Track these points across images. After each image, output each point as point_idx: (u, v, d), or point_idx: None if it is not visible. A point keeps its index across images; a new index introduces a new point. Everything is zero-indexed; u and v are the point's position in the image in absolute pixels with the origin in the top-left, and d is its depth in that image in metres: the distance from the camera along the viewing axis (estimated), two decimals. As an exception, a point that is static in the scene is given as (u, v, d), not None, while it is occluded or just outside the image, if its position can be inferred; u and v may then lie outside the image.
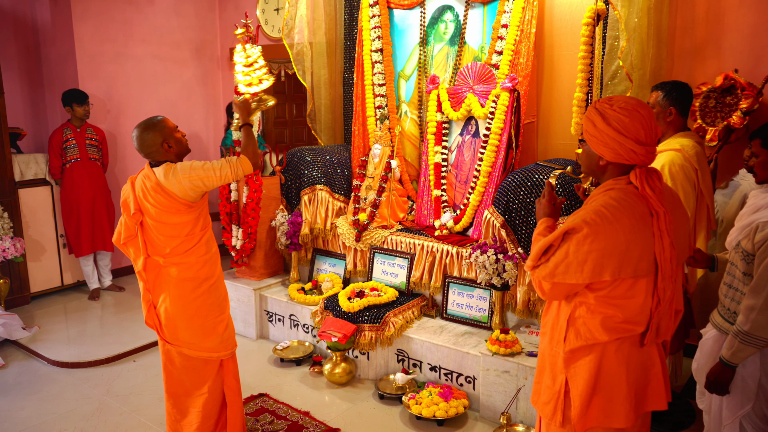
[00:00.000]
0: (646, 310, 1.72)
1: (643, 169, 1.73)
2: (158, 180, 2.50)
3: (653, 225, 1.68)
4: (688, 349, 3.29)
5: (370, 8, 4.47)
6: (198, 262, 2.61)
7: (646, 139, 1.69)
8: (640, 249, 1.67)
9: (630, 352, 1.75)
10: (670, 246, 1.68)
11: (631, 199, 1.69)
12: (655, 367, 1.78)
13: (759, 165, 2.27)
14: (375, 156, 4.32)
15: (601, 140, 1.73)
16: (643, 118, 1.69)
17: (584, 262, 1.66)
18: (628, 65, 3.33)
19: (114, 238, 2.68)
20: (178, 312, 2.61)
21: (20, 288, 5.03)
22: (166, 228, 2.55)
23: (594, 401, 1.75)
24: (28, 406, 3.46)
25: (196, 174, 2.49)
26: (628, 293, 1.70)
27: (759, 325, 2.05)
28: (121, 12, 5.65)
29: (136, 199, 2.56)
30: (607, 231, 1.65)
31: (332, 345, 3.60)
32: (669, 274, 1.69)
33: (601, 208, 1.67)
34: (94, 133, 5.19)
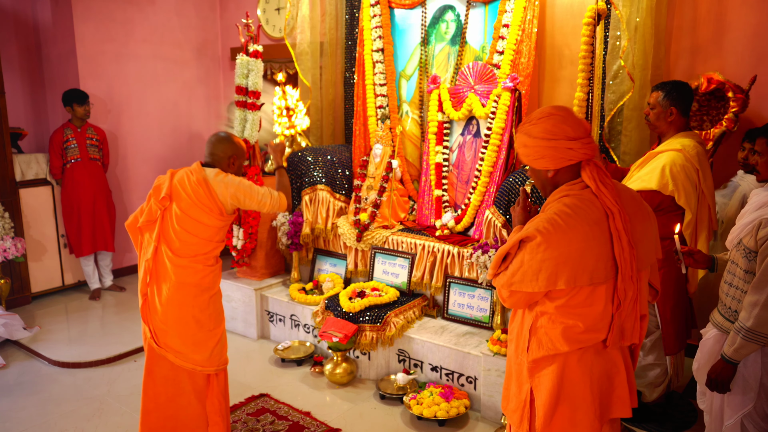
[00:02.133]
0: (607, 317, 1.69)
1: (593, 164, 1.72)
2: (206, 176, 2.54)
3: (610, 225, 1.66)
4: (689, 349, 3.28)
5: (371, 8, 4.46)
6: (204, 270, 2.59)
7: (574, 133, 1.69)
8: (596, 256, 1.64)
9: (593, 360, 1.73)
10: (629, 245, 1.65)
11: (586, 204, 1.68)
12: (620, 374, 1.76)
13: (763, 164, 2.26)
14: (376, 156, 4.32)
15: (538, 154, 1.73)
16: (561, 117, 1.71)
17: (539, 270, 1.65)
18: (629, 65, 3.33)
19: (128, 221, 2.63)
20: (173, 315, 2.55)
21: (21, 288, 5.04)
22: (189, 222, 2.52)
23: (558, 411, 1.74)
24: (29, 406, 3.46)
25: (242, 190, 2.58)
26: (587, 301, 1.67)
27: (762, 321, 2.05)
28: (122, 12, 5.65)
29: (172, 185, 2.54)
30: (559, 239, 1.64)
31: (333, 345, 3.60)
32: (629, 275, 1.66)
33: (554, 216, 1.66)
34: (94, 133, 5.18)
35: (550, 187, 1.80)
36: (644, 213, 1.78)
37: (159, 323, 2.55)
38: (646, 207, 1.81)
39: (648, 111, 2.97)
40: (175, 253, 2.53)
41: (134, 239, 2.66)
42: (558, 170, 1.75)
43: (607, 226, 1.66)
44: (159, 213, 2.54)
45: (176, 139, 6.28)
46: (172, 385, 2.61)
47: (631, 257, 1.65)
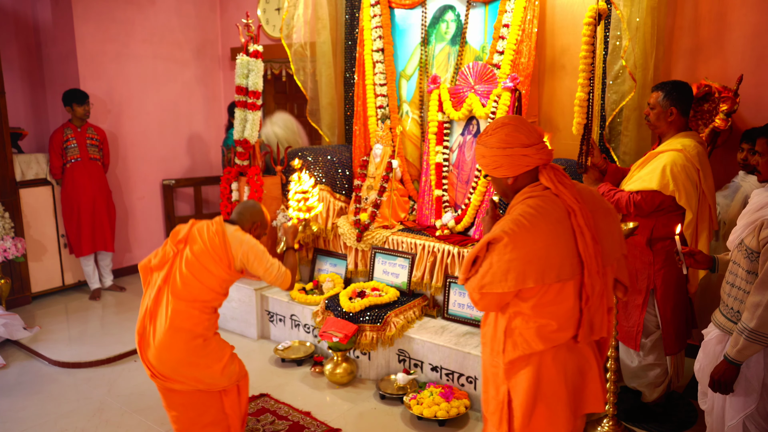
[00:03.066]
0: (577, 313, 1.73)
1: (549, 167, 1.79)
2: (225, 229, 2.60)
3: (572, 222, 1.71)
4: (689, 350, 3.28)
5: (371, 8, 4.46)
6: (200, 316, 2.57)
7: (528, 140, 1.76)
8: (561, 253, 1.69)
9: (566, 358, 1.77)
10: (592, 240, 1.70)
11: (548, 203, 1.73)
12: (592, 370, 1.81)
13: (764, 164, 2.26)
14: (376, 156, 4.32)
15: (496, 163, 1.80)
16: (514, 126, 1.78)
17: (507, 270, 1.68)
18: (631, 65, 3.33)
19: (142, 263, 2.67)
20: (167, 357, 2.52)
21: (21, 288, 5.03)
22: (197, 267, 2.54)
23: (536, 410, 1.77)
24: (30, 406, 3.46)
25: (254, 253, 2.60)
26: (558, 299, 1.71)
27: (765, 322, 2.05)
28: (122, 12, 5.65)
29: (190, 230, 2.61)
30: (525, 238, 1.68)
31: (333, 345, 3.60)
32: (595, 270, 1.70)
33: (518, 217, 1.71)
34: (94, 133, 5.18)
35: (512, 193, 1.86)
36: (606, 210, 1.83)
37: (156, 362, 2.53)
38: (607, 204, 1.86)
39: (648, 111, 2.97)
40: (174, 296, 2.53)
41: (144, 280, 2.67)
42: (517, 177, 1.81)
43: (570, 224, 1.71)
44: (171, 255, 2.58)
45: (176, 139, 6.28)
46: (191, 408, 2.62)
47: (595, 252, 1.70)
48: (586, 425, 3.05)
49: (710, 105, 3.37)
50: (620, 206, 2.88)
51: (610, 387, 2.90)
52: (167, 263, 2.58)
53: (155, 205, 6.15)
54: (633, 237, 2.88)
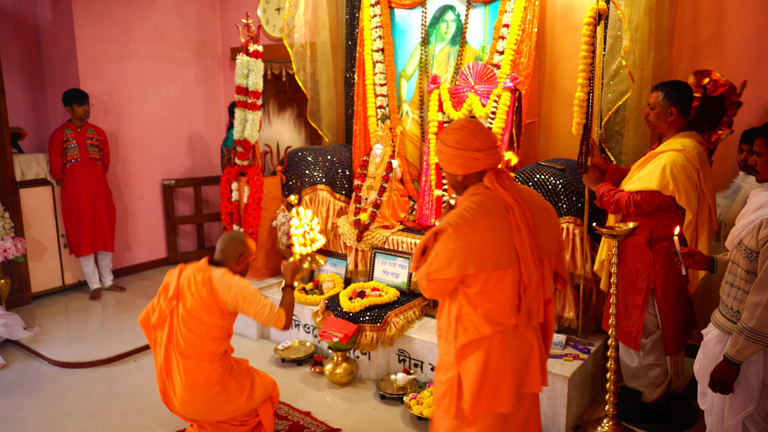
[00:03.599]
0: (516, 301, 1.90)
1: (492, 171, 1.95)
2: (211, 277, 2.58)
3: (510, 219, 1.87)
4: (689, 350, 3.28)
5: (371, 8, 4.46)
6: (210, 367, 2.62)
7: (481, 144, 1.92)
8: (499, 244, 1.86)
9: (512, 343, 1.94)
10: (528, 235, 1.87)
11: (490, 201, 1.90)
12: (534, 353, 1.97)
13: (763, 164, 2.26)
14: (376, 156, 4.32)
15: (450, 160, 1.97)
16: (471, 130, 1.94)
17: (451, 258, 1.85)
18: (630, 64, 3.33)
19: (141, 317, 2.71)
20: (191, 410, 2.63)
21: (21, 288, 5.04)
22: (194, 323, 2.57)
23: (483, 391, 1.92)
24: (30, 406, 3.46)
25: (242, 296, 2.58)
26: (498, 286, 1.87)
27: (765, 321, 2.05)
28: (122, 12, 5.65)
29: (179, 285, 2.61)
30: (466, 230, 1.85)
31: (333, 345, 3.60)
32: (531, 262, 1.87)
33: (462, 211, 1.89)
34: (94, 133, 5.18)
35: (461, 188, 2.04)
36: (543, 208, 2.00)
37: (184, 412, 2.64)
38: (545, 203, 2.04)
39: (648, 111, 2.97)
40: (182, 355, 2.58)
41: (147, 336, 2.71)
42: (466, 175, 1.99)
43: (508, 220, 1.88)
44: (168, 313, 2.60)
45: (176, 139, 6.28)
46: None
47: (531, 246, 1.87)
48: (586, 425, 3.05)
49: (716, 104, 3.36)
50: (620, 206, 2.88)
51: (610, 387, 2.90)
52: (166, 320, 2.61)
53: (155, 205, 6.15)
54: (633, 237, 2.89)
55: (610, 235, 2.73)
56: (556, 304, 3.35)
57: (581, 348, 3.26)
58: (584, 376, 3.19)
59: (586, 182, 3.15)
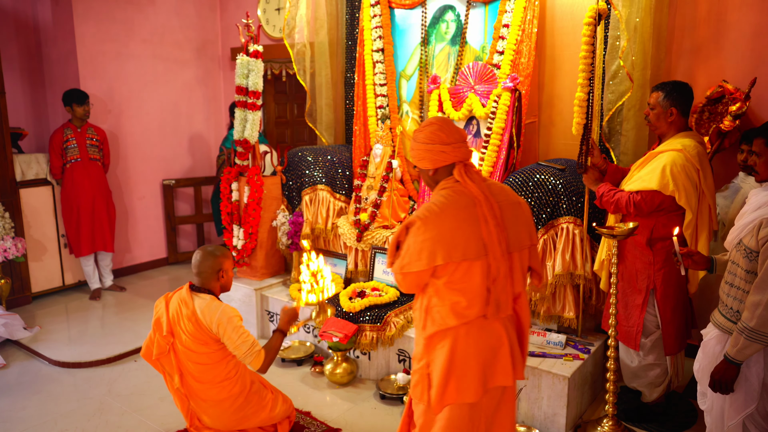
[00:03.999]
0: (485, 292, 1.95)
1: (461, 164, 2.02)
2: (195, 310, 2.61)
3: (477, 211, 1.93)
4: (689, 350, 3.28)
5: (371, 8, 4.47)
6: (230, 383, 2.72)
7: (448, 139, 2.01)
8: (466, 235, 1.92)
9: (479, 335, 1.99)
10: (495, 227, 1.93)
11: (457, 194, 1.97)
12: (503, 347, 2.02)
13: (762, 165, 2.27)
14: (376, 156, 4.32)
15: (420, 155, 2.06)
16: (439, 126, 2.03)
17: (421, 250, 1.92)
18: (628, 65, 3.33)
19: (143, 352, 2.76)
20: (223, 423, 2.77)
21: (21, 288, 5.04)
22: (195, 355, 2.65)
23: (450, 380, 1.97)
24: (30, 406, 3.46)
25: (225, 327, 2.59)
26: (466, 277, 1.93)
27: (765, 321, 2.05)
28: (122, 11, 5.65)
29: (170, 321, 2.66)
30: (434, 221, 1.93)
31: (333, 345, 3.60)
32: (499, 253, 1.93)
33: (431, 205, 1.97)
34: (94, 133, 5.18)
35: (433, 183, 2.10)
36: (513, 202, 2.06)
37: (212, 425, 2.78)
38: (517, 198, 2.09)
39: (648, 111, 2.97)
40: (197, 379, 2.68)
41: (154, 366, 2.79)
42: (437, 169, 2.05)
43: (476, 212, 1.94)
44: (168, 347, 2.67)
45: (176, 139, 6.28)
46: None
47: (498, 238, 1.93)
48: (586, 425, 3.05)
49: (723, 107, 3.37)
50: (620, 206, 2.88)
51: (610, 387, 2.90)
52: (169, 354, 2.68)
53: (155, 205, 6.15)
54: (633, 237, 2.89)
55: (610, 235, 2.73)
56: (556, 303, 3.35)
57: (581, 348, 3.26)
58: (584, 376, 3.19)
59: (586, 182, 3.15)
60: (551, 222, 3.31)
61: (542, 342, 3.30)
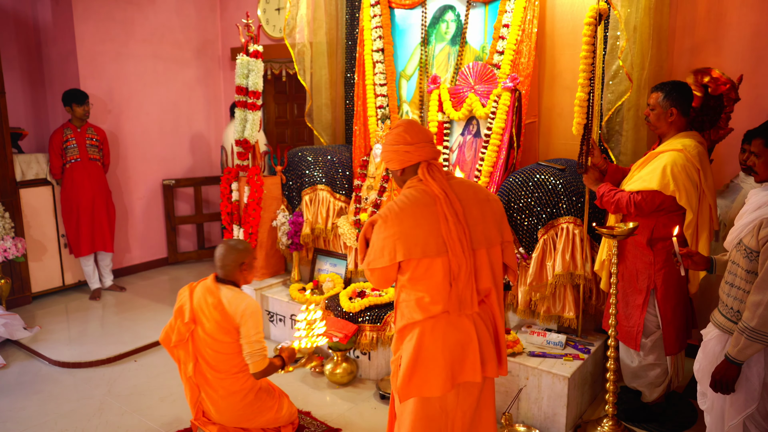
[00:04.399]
0: (447, 288, 1.99)
1: (425, 164, 2.08)
2: (221, 299, 2.71)
3: (438, 209, 1.98)
4: (689, 350, 3.28)
5: (371, 8, 4.47)
6: (244, 376, 2.79)
7: (412, 139, 2.09)
8: (425, 232, 1.97)
9: (446, 330, 2.02)
10: (456, 225, 1.96)
11: (419, 193, 2.03)
12: (472, 343, 2.03)
13: (761, 165, 2.27)
14: (376, 156, 4.32)
15: (388, 157, 2.15)
16: (404, 127, 2.12)
17: (383, 247, 2.00)
18: (628, 65, 3.33)
19: (161, 337, 2.85)
20: (228, 417, 2.81)
21: (21, 288, 5.04)
22: (216, 344, 2.72)
23: (416, 372, 2.02)
24: (30, 406, 3.46)
25: (247, 324, 2.69)
26: (428, 273, 1.98)
27: (766, 321, 2.05)
28: (122, 11, 5.65)
29: (193, 309, 2.75)
30: (394, 219, 1.99)
31: (333, 345, 3.60)
32: (459, 251, 1.96)
33: (392, 204, 2.04)
34: (94, 133, 5.18)
35: (401, 183, 2.18)
36: (481, 199, 2.09)
37: (219, 420, 2.82)
38: (486, 194, 2.13)
39: (648, 112, 2.97)
40: (213, 369, 2.74)
41: (170, 354, 2.87)
42: (404, 169, 2.13)
43: (436, 210, 1.98)
44: (188, 335, 2.74)
45: (176, 139, 6.28)
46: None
47: (458, 235, 1.96)
48: (586, 425, 3.05)
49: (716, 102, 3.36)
50: (620, 206, 2.88)
51: (610, 387, 2.90)
52: (188, 342, 2.75)
53: (155, 205, 6.15)
54: (633, 237, 2.89)
55: (610, 235, 2.73)
56: (556, 303, 3.35)
57: (581, 348, 3.26)
58: (584, 376, 3.19)
59: (587, 182, 3.15)
60: (551, 222, 3.31)
61: (542, 342, 3.30)
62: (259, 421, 2.88)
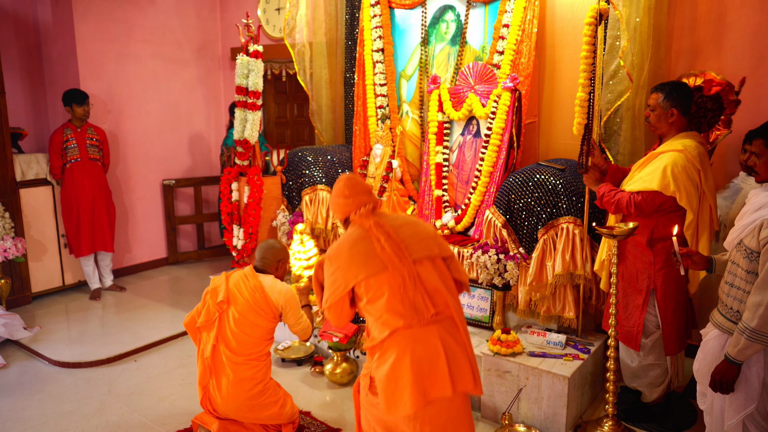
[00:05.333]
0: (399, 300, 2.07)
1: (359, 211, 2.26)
2: (262, 284, 2.86)
3: (371, 236, 2.15)
4: (689, 350, 3.28)
5: (371, 8, 4.47)
6: (258, 365, 2.89)
7: (349, 192, 2.28)
8: (363, 257, 2.13)
9: (412, 347, 2.06)
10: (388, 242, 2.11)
11: (353, 229, 2.24)
12: (440, 358, 2.06)
13: (762, 165, 2.27)
14: (376, 156, 4.32)
15: (332, 208, 2.36)
16: (343, 182, 2.31)
17: (333, 282, 2.16)
18: (628, 65, 3.33)
19: (186, 321, 2.93)
20: (233, 405, 2.85)
21: (21, 288, 5.04)
22: (246, 324, 2.82)
23: (386, 388, 2.06)
24: (30, 406, 3.46)
25: (290, 305, 2.89)
26: (379, 291, 2.09)
27: (766, 321, 2.05)
28: (122, 11, 5.65)
29: (228, 289, 2.85)
30: (335, 255, 2.19)
31: (333, 345, 3.60)
32: (398, 263, 2.08)
33: (333, 244, 2.26)
34: (94, 133, 5.18)
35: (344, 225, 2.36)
36: (410, 222, 2.26)
37: (223, 408, 2.86)
38: (415, 218, 2.32)
39: (648, 113, 2.97)
40: (233, 352, 2.82)
41: (193, 337, 2.96)
42: (346, 219, 2.31)
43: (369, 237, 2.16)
44: (217, 315, 2.82)
45: (176, 139, 6.28)
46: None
47: (393, 250, 2.10)
48: (586, 425, 3.05)
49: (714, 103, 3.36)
50: (621, 206, 2.88)
51: (610, 387, 2.90)
52: (215, 322, 2.82)
53: (155, 205, 6.15)
54: (633, 237, 2.89)
55: (610, 235, 2.73)
56: (556, 303, 3.35)
57: (581, 348, 3.26)
58: (584, 376, 3.19)
59: (587, 182, 3.15)
60: (551, 222, 3.31)
61: (542, 342, 3.30)
62: (262, 414, 2.90)
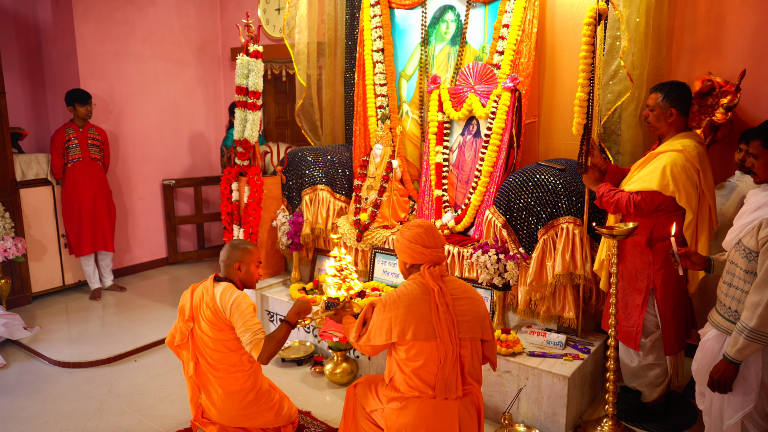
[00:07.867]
0: (434, 372, 2.19)
1: (426, 265, 2.33)
2: (214, 296, 2.74)
3: (431, 299, 2.23)
4: (689, 349, 3.28)
5: (371, 8, 4.47)
6: (243, 376, 2.80)
7: (429, 243, 2.35)
8: (417, 319, 2.21)
9: (432, 413, 2.20)
10: (445, 314, 2.20)
11: (417, 285, 2.29)
12: (453, 428, 2.21)
13: (760, 166, 2.27)
14: (376, 156, 4.32)
15: (404, 251, 2.39)
16: (424, 229, 2.36)
17: (381, 327, 2.26)
18: (629, 65, 3.33)
19: (167, 339, 2.90)
20: (228, 416, 2.82)
21: (22, 288, 5.04)
22: (212, 341, 2.74)
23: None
24: (30, 406, 3.47)
25: (237, 311, 2.67)
26: (419, 355, 2.20)
27: (765, 321, 2.05)
28: (123, 12, 5.65)
29: (192, 308, 2.79)
30: (392, 305, 2.26)
31: (333, 345, 3.60)
32: (447, 338, 2.18)
33: (393, 292, 2.32)
34: (96, 133, 5.19)
35: (407, 273, 2.43)
36: (470, 297, 2.33)
37: (219, 420, 2.83)
38: (473, 293, 2.36)
39: (647, 113, 2.97)
40: (213, 367, 2.77)
41: (176, 354, 2.92)
42: (413, 264, 2.39)
43: (429, 300, 2.24)
44: (188, 333, 2.79)
45: (176, 139, 6.28)
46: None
47: (447, 323, 2.19)
48: (586, 425, 3.05)
49: (713, 99, 3.37)
50: (620, 206, 2.88)
51: (610, 387, 2.90)
52: (188, 340, 2.79)
53: (155, 205, 6.16)
54: (633, 237, 2.89)
55: (610, 235, 2.73)
56: (556, 303, 3.35)
57: (581, 348, 3.26)
58: (584, 376, 3.19)
59: (586, 182, 3.15)
60: (551, 222, 3.31)
61: (542, 342, 3.30)
62: (258, 421, 2.88)
